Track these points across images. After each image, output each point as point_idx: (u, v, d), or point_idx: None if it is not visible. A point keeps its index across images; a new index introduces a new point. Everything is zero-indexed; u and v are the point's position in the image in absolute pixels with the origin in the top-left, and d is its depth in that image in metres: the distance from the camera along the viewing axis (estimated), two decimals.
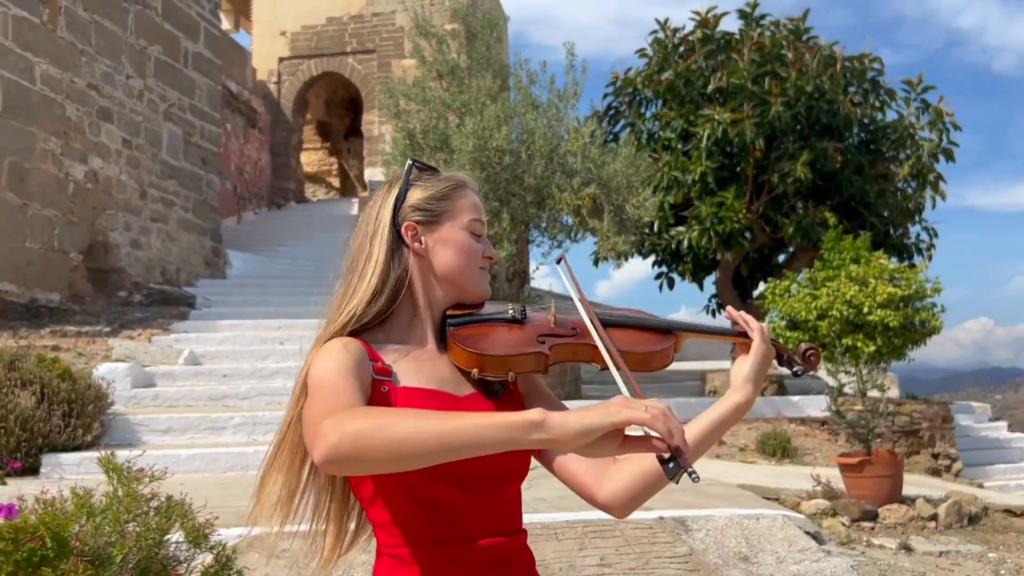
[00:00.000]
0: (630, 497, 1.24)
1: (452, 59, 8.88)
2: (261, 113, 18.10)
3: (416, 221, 1.29)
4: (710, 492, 5.06)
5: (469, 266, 1.30)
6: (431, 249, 1.29)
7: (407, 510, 1.17)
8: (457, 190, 1.32)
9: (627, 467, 1.24)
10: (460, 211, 1.30)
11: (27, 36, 9.10)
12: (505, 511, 1.24)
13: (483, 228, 1.34)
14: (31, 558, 2.22)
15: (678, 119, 11.67)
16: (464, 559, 1.18)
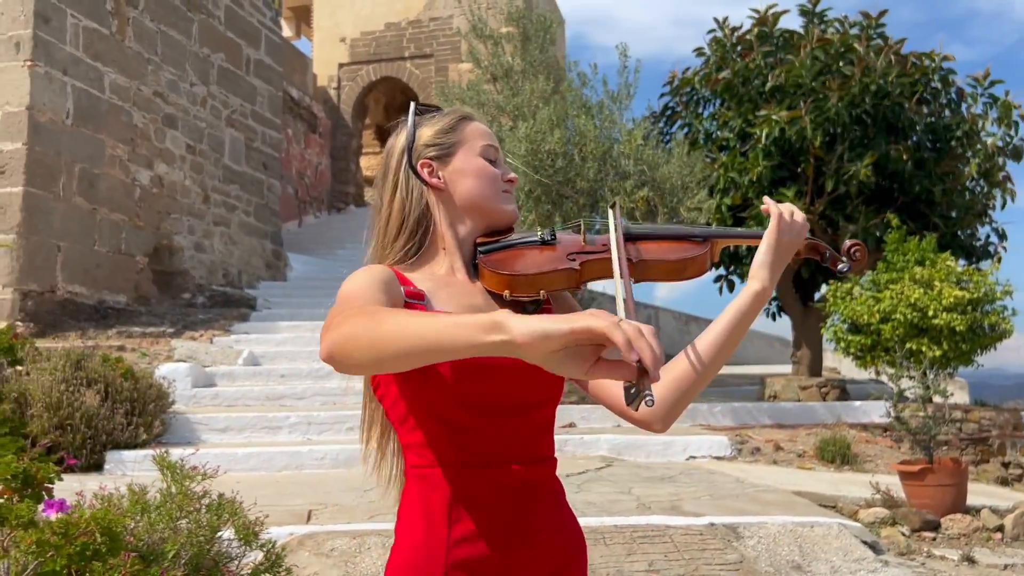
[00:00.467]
0: (666, 409, 1.23)
1: (506, 62, 8.89)
2: (322, 118, 18.42)
3: (430, 157, 1.31)
4: (764, 499, 4.97)
5: (491, 189, 1.31)
6: (450, 182, 1.30)
7: (434, 432, 1.18)
8: (463, 121, 1.34)
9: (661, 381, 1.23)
10: (471, 139, 1.32)
11: (97, 47, 9.42)
12: (532, 438, 1.24)
13: (497, 153, 1.35)
14: (84, 552, 2.29)
15: (736, 119, 11.50)
16: (490, 482, 1.19)
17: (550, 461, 1.28)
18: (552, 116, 7.85)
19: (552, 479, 1.28)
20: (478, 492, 1.19)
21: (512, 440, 1.22)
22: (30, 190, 8.49)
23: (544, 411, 1.26)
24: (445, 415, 1.18)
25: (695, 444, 7.01)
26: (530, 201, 7.92)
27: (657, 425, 1.26)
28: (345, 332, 1.00)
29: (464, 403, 1.17)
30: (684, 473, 6.02)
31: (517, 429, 1.22)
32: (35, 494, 2.39)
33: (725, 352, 1.24)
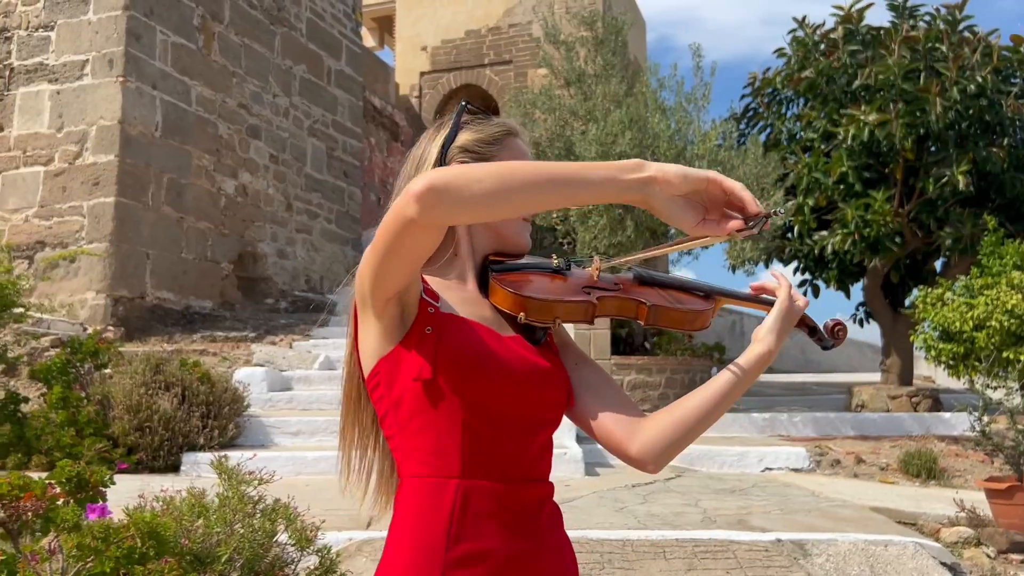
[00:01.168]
0: (663, 449, 1.22)
1: (579, 66, 8.84)
2: (403, 127, 18.69)
3: (463, 162, 1.26)
4: (838, 514, 4.76)
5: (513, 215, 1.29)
6: None
7: (446, 438, 1.14)
8: (508, 136, 1.31)
9: (659, 419, 1.23)
10: (507, 156, 1.29)
11: (184, 61, 9.78)
12: (539, 457, 1.21)
13: None
14: (130, 555, 2.35)
15: (820, 119, 11.14)
16: (498, 500, 1.14)
17: (551, 484, 1.25)
18: (624, 118, 7.75)
19: (553, 502, 1.25)
20: (483, 510, 1.13)
21: (522, 457, 1.18)
22: (121, 200, 8.87)
23: (550, 430, 1.24)
24: (458, 418, 1.13)
25: (771, 455, 6.80)
26: (600, 206, 7.84)
27: (651, 465, 1.23)
28: (456, 171, 1.00)
29: (477, 407, 1.13)
30: (757, 486, 5.83)
31: (527, 446, 1.19)
32: (89, 497, 2.46)
33: (727, 404, 1.25)
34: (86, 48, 9.16)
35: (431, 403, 1.13)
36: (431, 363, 1.12)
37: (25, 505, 2.17)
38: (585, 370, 1.29)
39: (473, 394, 1.12)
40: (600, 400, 1.26)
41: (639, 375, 8.31)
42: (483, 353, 1.14)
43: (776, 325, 1.26)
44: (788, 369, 19.24)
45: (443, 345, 1.12)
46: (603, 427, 1.24)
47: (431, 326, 1.13)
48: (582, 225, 8.00)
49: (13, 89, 9.41)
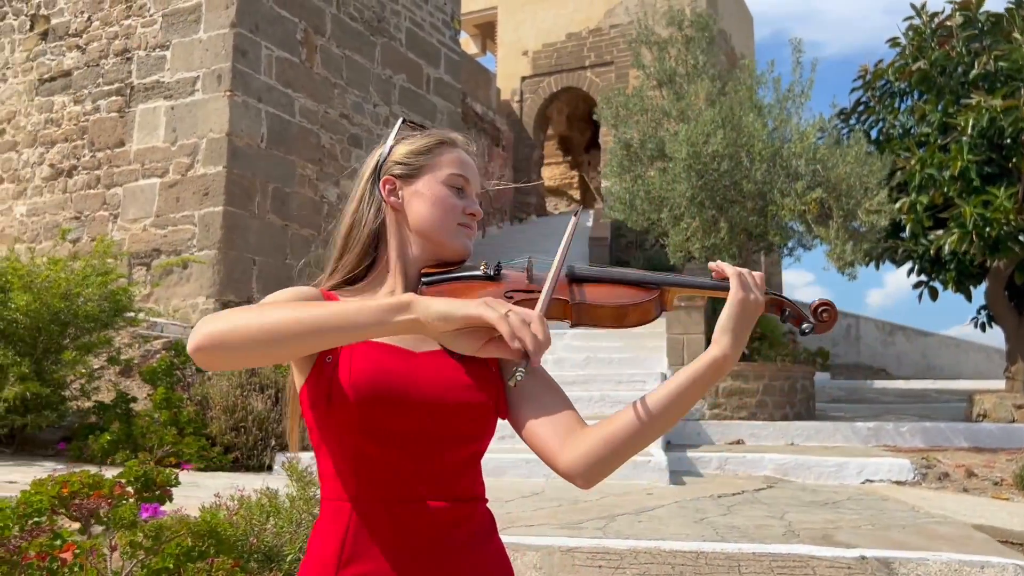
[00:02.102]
0: (589, 464, 1.14)
1: (670, 66, 8.69)
2: (504, 132, 18.86)
3: (395, 175, 1.29)
4: (935, 531, 4.49)
5: (444, 220, 1.27)
6: (407, 203, 1.29)
7: (337, 463, 1.16)
8: (442, 145, 1.31)
9: (590, 433, 1.16)
10: (441, 165, 1.29)
11: (288, 74, 10.17)
12: (450, 475, 1.17)
13: (467, 183, 1.31)
14: (189, 553, 2.45)
15: (935, 112, 10.55)
16: (394, 519, 1.13)
17: (474, 502, 1.20)
18: (716, 117, 7.57)
19: (475, 520, 1.20)
20: (379, 530, 1.13)
21: (425, 476, 1.15)
22: (229, 209, 9.29)
23: (467, 448, 1.19)
24: (347, 444, 1.14)
25: (873, 467, 6.48)
26: (693, 207, 7.68)
27: (579, 480, 1.16)
28: (225, 322, 1.03)
29: (371, 432, 1.13)
30: (852, 499, 5.57)
31: (431, 464, 1.16)
32: (156, 496, 2.58)
33: (670, 417, 1.14)
34: (197, 65, 9.65)
35: (327, 430, 1.15)
36: (326, 392, 1.13)
37: (90, 503, 2.30)
38: (528, 379, 1.23)
39: (367, 419, 1.12)
40: (538, 410, 1.20)
41: (735, 382, 8.08)
42: (381, 377, 1.13)
43: (731, 323, 1.15)
44: (907, 376, 18.34)
45: (339, 373, 1.13)
46: (536, 437, 1.19)
47: (331, 355, 1.15)
48: (674, 228, 7.86)
49: (133, 106, 10.01)
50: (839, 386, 14.36)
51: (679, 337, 8.28)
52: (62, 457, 5.90)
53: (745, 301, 1.16)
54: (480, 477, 1.24)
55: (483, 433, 1.20)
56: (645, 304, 1.22)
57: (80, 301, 5.95)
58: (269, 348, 1.02)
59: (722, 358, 1.14)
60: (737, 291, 1.16)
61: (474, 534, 1.19)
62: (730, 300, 1.17)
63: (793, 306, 1.23)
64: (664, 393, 1.14)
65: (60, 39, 10.65)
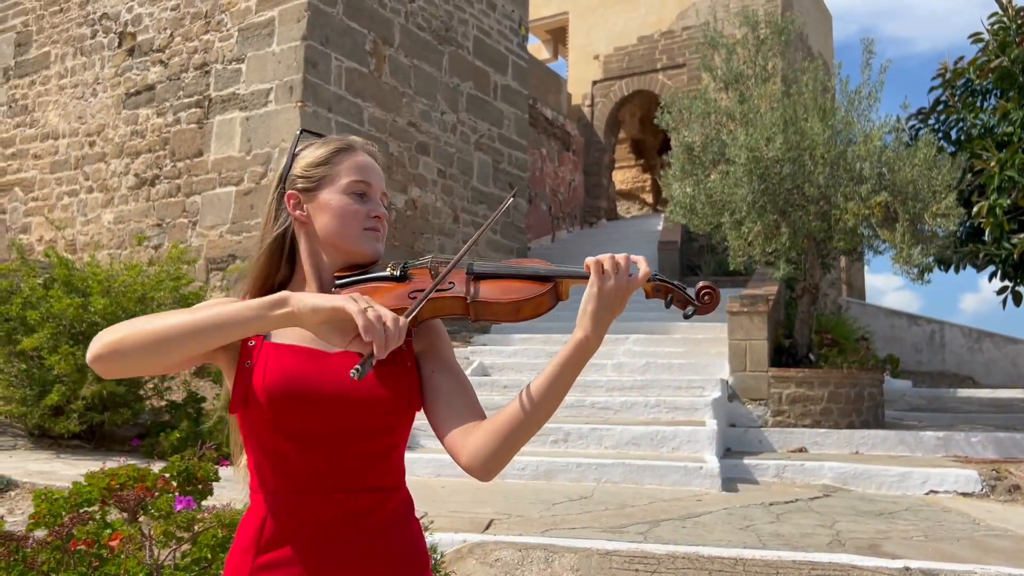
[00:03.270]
0: (484, 457, 1.22)
1: (737, 68, 8.60)
2: (575, 136, 18.89)
3: (298, 189, 1.35)
4: (991, 545, 4.36)
5: (349, 227, 1.33)
6: (312, 215, 1.35)
7: (258, 457, 1.25)
8: (339, 154, 1.36)
9: (481, 427, 1.24)
10: (339, 174, 1.34)
11: (357, 84, 10.45)
12: (359, 467, 1.25)
13: (368, 187, 1.36)
14: (225, 543, 2.60)
15: (1017, 110, 10.15)
16: (305, 510, 1.22)
17: (387, 491, 1.28)
18: (778, 121, 7.47)
19: (387, 510, 1.27)
20: (290, 519, 1.22)
21: (333, 468, 1.23)
22: None
23: (379, 441, 1.27)
24: (264, 440, 1.24)
25: (937, 477, 6.30)
26: (753, 212, 7.59)
27: (478, 473, 1.24)
28: (120, 331, 1.14)
29: (281, 429, 1.22)
30: (910, 510, 5.44)
31: (340, 458, 1.24)
32: (198, 490, 2.75)
33: (549, 403, 1.21)
34: (270, 77, 10.01)
35: (248, 429, 1.26)
36: (243, 395, 1.24)
37: (135, 494, 2.47)
38: (440, 377, 1.31)
39: (280, 419, 1.22)
40: (446, 409, 1.28)
41: (799, 388, 7.95)
42: (291, 378, 1.23)
43: (589, 306, 1.19)
44: (995, 384, 17.62)
45: (255, 377, 1.23)
46: (446, 434, 1.27)
47: (248, 359, 1.25)
48: (734, 231, 7.78)
49: (211, 117, 10.45)
50: (920, 394, 13.89)
51: (742, 343, 8.18)
52: (136, 453, 6.23)
53: (601, 288, 1.20)
54: (398, 466, 1.31)
55: (395, 426, 1.27)
56: (538, 298, 1.26)
57: (154, 305, 6.26)
58: (160, 351, 1.13)
59: (584, 340, 1.19)
60: (593, 280, 1.20)
61: (385, 522, 1.27)
62: (588, 286, 1.22)
63: (678, 290, 1.25)
64: (540, 380, 1.21)
65: (145, 55, 11.18)
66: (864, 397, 8.20)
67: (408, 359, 1.31)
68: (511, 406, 1.23)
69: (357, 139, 1.42)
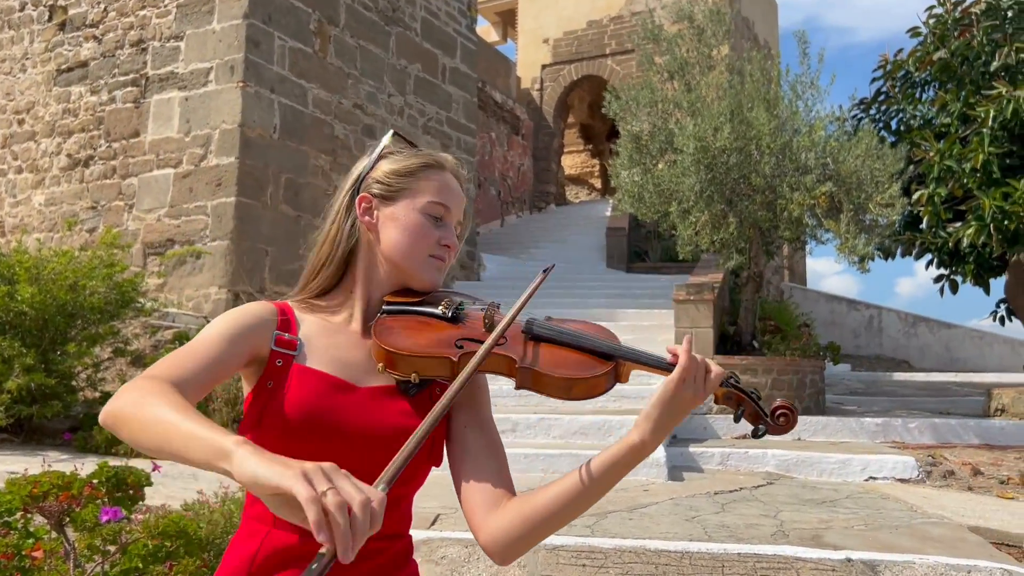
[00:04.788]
0: (506, 543, 1.13)
1: (681, 57, 8.60)
2: (524, 120, 18.80)
3: (373, 194, 1.25)
4: (928, 533, 4.45)
5: (415, 249, 1.23)
6: (381, 225, 1.25)
7: None
8: (426, 169, 1.27)
9: (510, 509, 1.14)
10: (421, 191, 1.25)
11: (301, 65, 10.20)
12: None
13: (447, 212, 1.26)
14: (156, 554, 2.49)
15: (955, 102, 10.36)
16: (300, 550, 1.11)
17: (393, 539, 1.18)
18: (725, 111, 7.49)
19: (388, 555, 1.18)
20: (288, 558, 1.11)
21: None
22: (241, 200, 9.36)
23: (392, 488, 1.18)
24: None
25: (876, 464, 6.43)
26: (701, 201, 7.61)
27: (496, 556, 1.15)
28: (122, 404, 1.01)
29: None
30: (851, 497, 5.53)
31: None
32: (128, 496, 2.62)
33: (589, 500, 1.13)
34: (211, 56, 9.71)
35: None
36: (257, 416, 1.13)
37: (55, 505, 2.34)
38: (472, 435, 1.21)
39: (293, 450, 1.08)
40: (474, 473, 1.18)
41: (743, 376, 8.02)
42: (314, 409, 1.13)
43: (656, 412, 1.12)
44: (929, 368, 18.12)
45: (275, 400, 1.13)
46: (467, 502, 1.18)
47: (272, 380, 1.14)
48: (682, 222, 7.81)
49: (148, 97, 10.10)
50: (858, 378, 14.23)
51: (687, 331, 8.23)
52: (68, 447, 6.02)
53: (679, 395, 1.12)
54: (408, 513, 1.22)
55: (414, 475, 1.18)
56: (596, 379, 1.15)
57: (86, 293, 6.04)
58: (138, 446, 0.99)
59: (640, 445, 1.12)
60: (673, 383, 1.12)
61: (385, 566, 1.18)
62: (664, 388, 1.13)
63: (752, 404, 1.16)
64: (583, 478, 1.12)
65: (77, 30, 10.76)
66: (806, 384, 8.34)
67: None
68: (547, 497, 1.13)
69: (450, 159, 1.32)
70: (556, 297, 11.17)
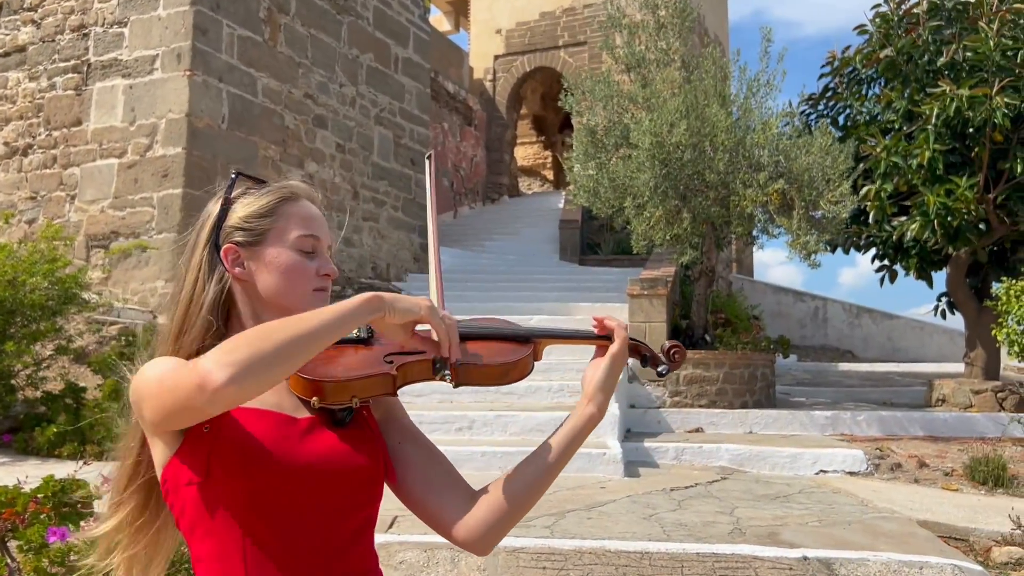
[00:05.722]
0: (484, 533, 1.17)
1: (640, 51, 8.61)
2: (477, 111, 18.69)
3: (237, 243, 1.19)
4: (879, 529, 4.54)
5: (295, 289, 1.19)
6: (255, 273, 1.19)
7: (223, 544, 1.07)
8: (284, 203, 1.22)
9: (481, 502, 1.18)
10: (286, 228, 1.20)
11: (250, 53, 9.98)
12: (341, 548, 1.12)
13: (317, 242, 1.23)
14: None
15: (900, 100, 10.57)
16: None
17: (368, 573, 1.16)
18: (680, 107, 7.52)
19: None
20: None
21: (319, 551, 1.09)
22: (189, 191, 9.13)
23: (358, 515, 1.15)
24: (237, 522, 1.06)
25: (827, 457, 6.54)
26: (656, 196, 7.64)
27: (477, 548, 1.18)
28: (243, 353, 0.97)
29: (258, 507, 1.06)
30: (803, 492, 5.62)
31: (325, 538, 1.10)
32: (74, 512, 2.52)
33: (553, 475, 1.20)
34: (156, 43, 9.44)
35: (209, 507, 1.07)
36: (204, 464, 1.06)
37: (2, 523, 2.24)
38: (409, 447, 1.22)
39: (252, 494, 1.05)
40: (424, 483, 1.19)
41: (695, 370, 8.11)
42: (264, 448, 1.07)
43: (607, 381, 1.22)
44: (872, 358, 18.55)
45: (219, 443, 1.07)
46: (426, 511, 1.19)
47: (208, 425, 1.07)
48: (637, 217, 7.83)
49: (91, 84, 9.79)
50: (805, 368, 14.48)
51: (642, 325, 8.28)
52: (8, 450, 5.81)
53: (622, 357, 1.22)
54: (372, 547, 1.20)
55: (373, 498, 1.16)
56: (523, 361, 1.22)
57: (26, 290, 5.83)
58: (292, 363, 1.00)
59: (599, 415, 1.22)
60: (619, 348, 1.22)
61: None
62: (611, 355, 1.23)
63: (650, 350, 1.30)
64: (544, 455, 1.19)
65: (14, 13, 10.37)
66: (757, 378, 8.45)
67: (372, 424, 1.20)
68: (511, 481, 1.19)
69: (301, 185, 1.27)
70: (512, 291, 11.15)
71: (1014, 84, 9.36)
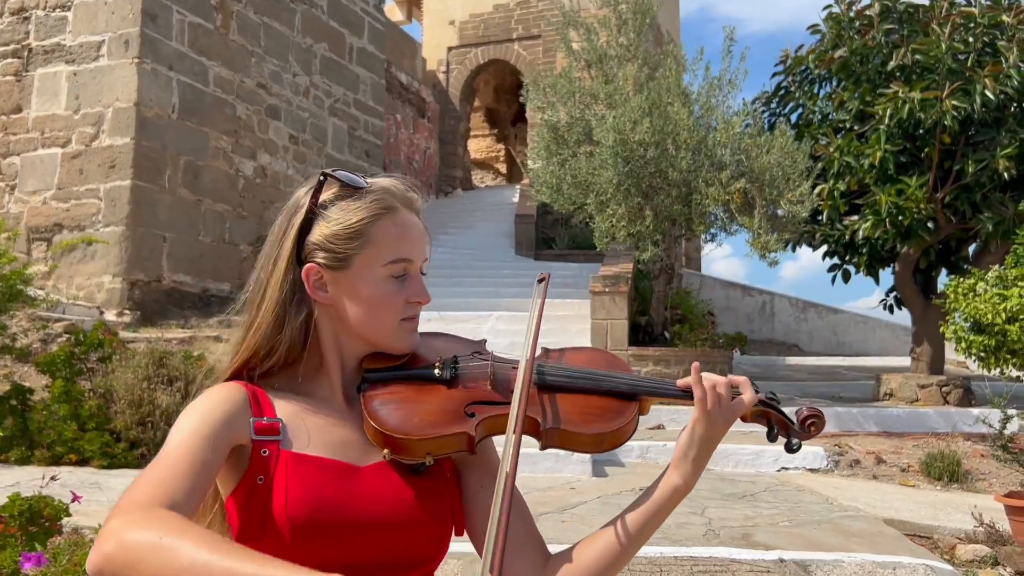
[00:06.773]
0: None
1: (600, 47, 8.58)
2: (430, 103, 18.51)
3: (320, 264, 1.06)
4: (849, 528, 4.59)
5: (383, 321, 1.07)
6: (337, 298, 1.07)
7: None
8: (376, 221, 1.06)
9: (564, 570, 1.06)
10: (375, 255, 1.06)
11: (202, 41, 9.69)
12: None
13: (409, 265, 1.08)
14: None
15: (852, 100, 10.76)
16: None
17: None
18: (643, 104, 7.52)
19: None
20: None
21: None
22: (137, 183, 8.84)
23: (426, 569, 1.07)
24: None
25: (787, 455, 6.60)
26: (619, 194, 7.63)
27: None
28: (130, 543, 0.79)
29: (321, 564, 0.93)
30: (769, 490, 5.67)
31: None
32: (44, 531, 2.37)
33: (635, 549, 1.08)
34: (102, 29, 9.09)
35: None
36: (258, 521, 0.98)
37: None
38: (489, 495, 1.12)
39: (307, 551, 0.97)
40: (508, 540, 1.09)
41: (656, 367, 8.14)
42: (322, 502, 0.99)
43: (692, 451, 1.08)
44: (818, 352, 18.91)
45: (272, 500, 0.97)
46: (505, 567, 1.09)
47: (263, 475, 0.98)
48: (600, 214, 7.81)
49: (31, 70, 9.40)
50: (753, 362, 14.69)
51: (603, 322, 8.28)
52: None
53: (709, 427, 1.08)
54: None
55: (436, 553, 1.07)
56: (625, 427, 1.08)
57: None
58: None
59: (684, 487, 1.09)
60: (701, 418, 1.08)
61: None
62: (691, 426, 1.09)
63: (781, 416, 1.13)
64: (623, 532, 1.07)
65: None
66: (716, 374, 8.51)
67: (447, 469, 1.09)
68: (593, 551, 1.07)
69: (399, 190, 1.11)
70: (467, 286, 11.06)
71: (964, 88, 9.58)
